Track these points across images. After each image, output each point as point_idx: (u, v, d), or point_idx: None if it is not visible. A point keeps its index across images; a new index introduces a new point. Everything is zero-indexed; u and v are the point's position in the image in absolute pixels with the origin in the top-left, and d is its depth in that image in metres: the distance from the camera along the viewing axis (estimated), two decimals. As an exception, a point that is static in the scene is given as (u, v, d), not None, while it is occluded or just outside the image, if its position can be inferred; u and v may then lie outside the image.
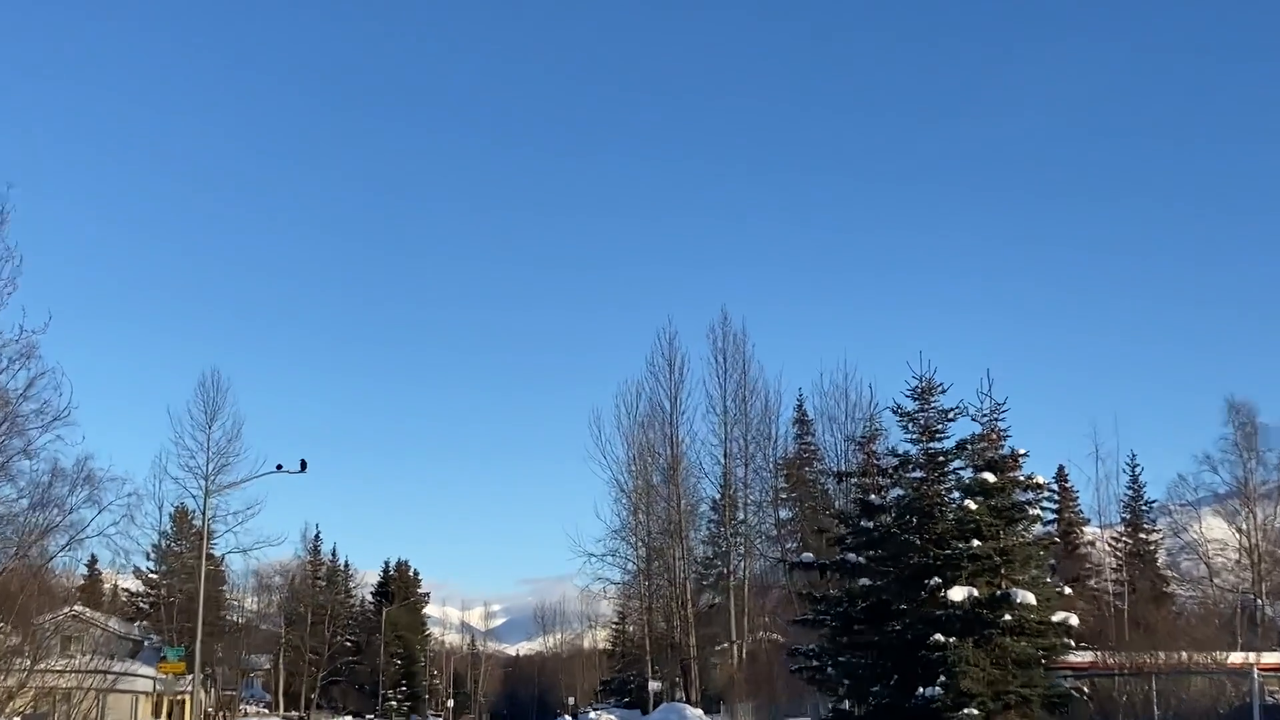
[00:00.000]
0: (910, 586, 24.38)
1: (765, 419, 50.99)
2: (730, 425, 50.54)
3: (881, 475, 26.65)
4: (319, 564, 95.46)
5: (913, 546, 24.56)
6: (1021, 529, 24.77)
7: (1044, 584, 24.86)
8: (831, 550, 29.21)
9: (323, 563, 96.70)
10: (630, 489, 53.26)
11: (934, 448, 25.44)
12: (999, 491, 24.18)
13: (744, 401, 50.71)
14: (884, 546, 25.66)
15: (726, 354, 51.17)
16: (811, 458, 53.86)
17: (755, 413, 50.87)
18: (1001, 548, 23.65)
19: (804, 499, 52.02)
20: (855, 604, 25.77)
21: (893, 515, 25.64)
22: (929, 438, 25.45)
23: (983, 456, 24.96)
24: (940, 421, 25.47)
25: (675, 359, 52.50)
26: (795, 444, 54.65)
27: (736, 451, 50.72)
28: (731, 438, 50.62)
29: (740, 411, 50.68)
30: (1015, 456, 24.93)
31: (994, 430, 25.39)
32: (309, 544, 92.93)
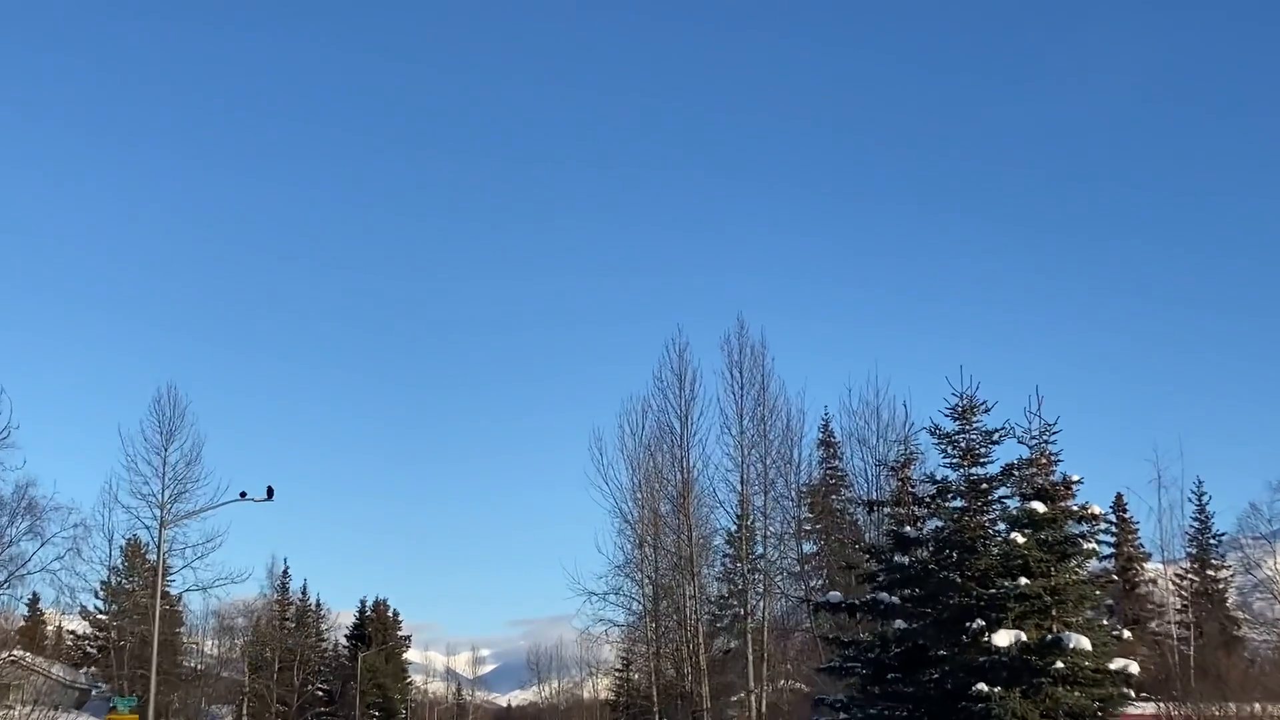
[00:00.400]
0: (950, 630, 24.27)
1: (787, 441, 50.73)
2: (747, 448, 50.28)
3: (917, 504, 26.58)
4: (287, 603, 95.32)
5: (953, 585, 24.46)
6: (1075, 565, 24.68)
7: (1100, 627, 24.77)
8: (861, 589, 29.08)
9: (292, 602, 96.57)
10: (635, 519, 53.05)
11: (977, 474, 25.36)
12: (1050, 523, 24.09)
13: (763, 421, 50.44)
14: (921, 585, 25.55)
15: (743, 368, 50.92)
16: (839, 485, 53.56)
17: (775, 434, 50.61)
18: (1052, 586, 23.55)
19: (830, 531, 51.76)
20: (888, 649, 25.66)
21: (930, 549, 25.53)
22: (971, 462, 25.37)
23: (1031, 484, 24.89)
24: (983, 444, 25.40)
25: (686, 373, 52.25)
26: (820, 469, 54.42)
27: (754, 477, 50.45)
28: (749, 462, 50.34)
29: (759, 432, 50.43)
30: (1068, 484, 24.85)
31: (1044, 454, 25.32)
32: (276, 581, 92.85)
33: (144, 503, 51.91)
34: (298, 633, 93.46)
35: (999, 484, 25.37)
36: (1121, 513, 58.63)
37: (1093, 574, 25.49)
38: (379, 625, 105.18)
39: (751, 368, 50.92)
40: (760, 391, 50.67)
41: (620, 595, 53.10)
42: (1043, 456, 25.31)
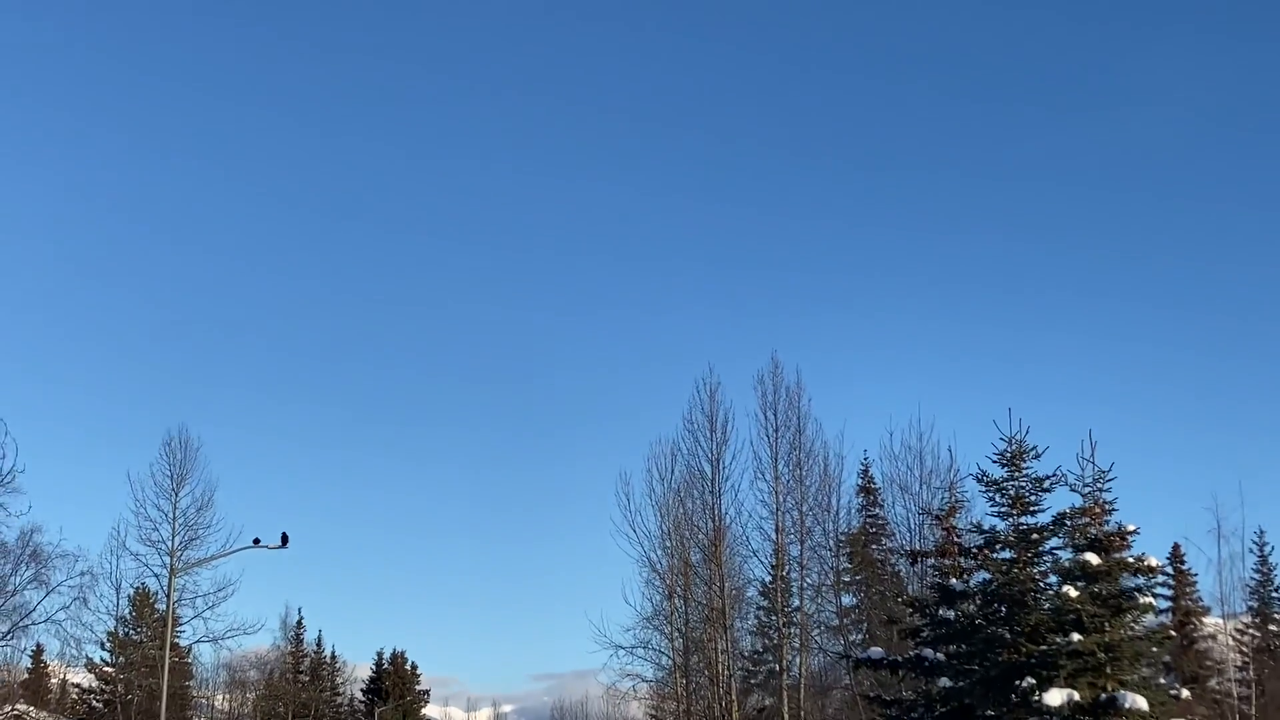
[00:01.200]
0: (999, 688, 24.01)
1: (824, 487, 50.41)
2: (783, 494, 49.97)
3: (964, 555, 26.35)
4: (301, 655, 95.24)
5: (1001, 641, 24.21)
6: (1130, 620, 24.39)
7: (1157, 686, 24.48)
8: (904, 644, 28.81)
9: (306, 654, 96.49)
10: (664, 569, 52.75)
11: (1026, 523, 25.14)
12: (1104, 576, 23.85)
13: (799, 466, 50.14)
14: (967, 640, 25.29)
15: (778, 409, 50.68)
16: (880, 533, 53.23)
17: (812, 479, 50.29)
18: (1107, 643, 23.28)
19: (871, 583, 51.40)
20: (933, 709, 25.38)
21: (977, 603, 25.30)
22: (1020, 511, 25.16)
23: (1084, 534, 24.65)
24: (1034, 492, 25.19)
25: (717, 415, 52.01)
26: (860, 517, 54.10)
27: (790, 525, 50.11)
28: (784, 509, 50.00)
29: (794, 478, 50.11)
30: (1123, 534, 24.58)
31: (1098, 503, 25.08)
32: (290, 632, 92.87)
33: (153, 550, 52.10)
34: (312, 686, 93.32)
35: (1050, 534, 25.12)
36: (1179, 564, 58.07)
37: (1149, 629, 25.14)
38: (397, 679, 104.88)
39: (787, 409, 50.65)
40: (796, 434, 50.39)
41: (648, 649, 52.76)
42: (1096, 505, 25.06)
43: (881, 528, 53.07)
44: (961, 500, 32.78)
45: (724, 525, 50.90)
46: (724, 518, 50.94)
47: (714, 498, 51.19)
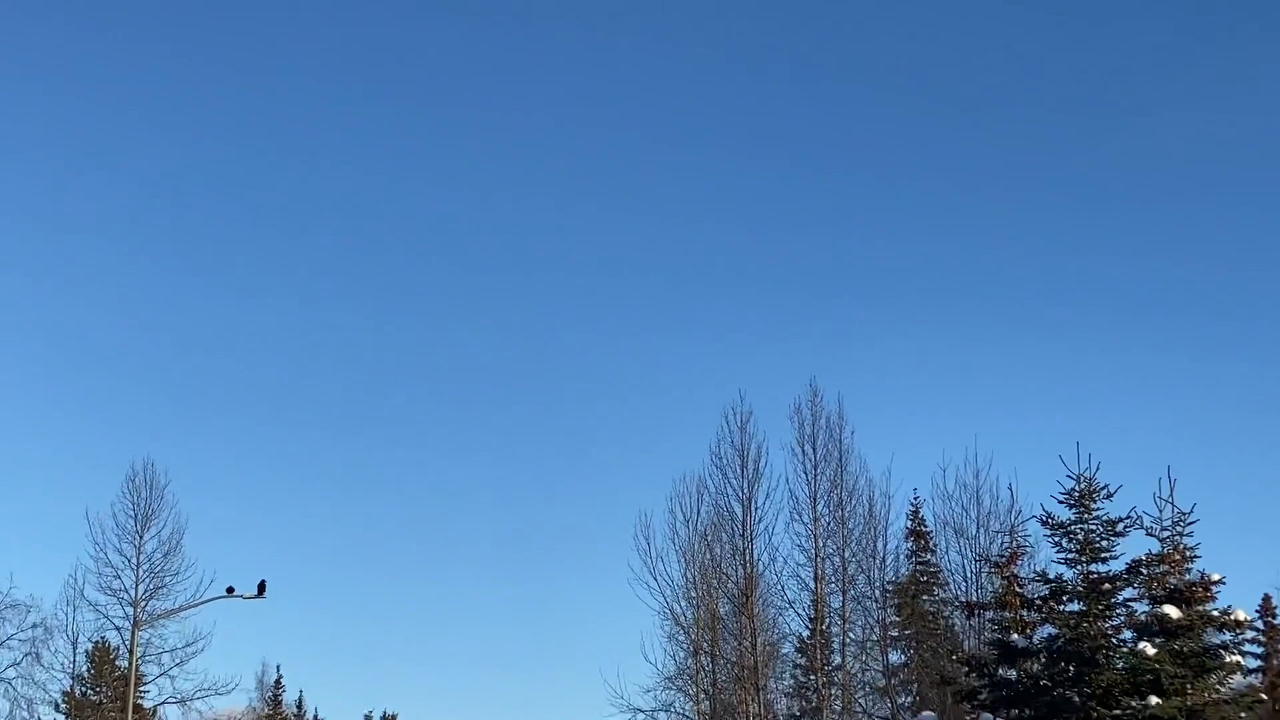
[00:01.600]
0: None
1: (869, 530, 50.36)
2: (822, 538, 49.92)
3: (1027, 607, 26.36)
4: (280, 717, 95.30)
5: (1069, 704, 24.18)
6: (1216, 682, 24.35)
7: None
8: (959, 708, 28.80)
9: (285, 716, 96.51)
10: (689, 622, 52.69)
11: (1097, 571, 25.17)
12: (1185, 631, 23.83)
13: (840, 506, 50.12)
14: (1031, 704, 25.27)
15: (816, 443, 50.64)
16: (932, 582, 53.06)
17: (856, 522, 50.24)
18: (1189, 707, 23.25)
19: (922, 638, 51.25)
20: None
21: (1042, 661, 25.30)
22: (1090, 558, 25.18)
23: (1163, 584, 24.64)
24: (1105, 536, 25.21)
25: (749, 448, 51.93)
26: (910, 564, 53.91)
27: (831, 573, 50.06)
28: (824, 554, 49.96)
29: (835, 520, 50.08)
30: (1206, 584, 24.56)
31: (1177, 548, 25.06)
32: (268, 692, 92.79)
33: (114, 599, 52.04)
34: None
35: (1124, 584, 25.15)
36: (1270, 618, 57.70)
37: (1237, 692, 25.07)
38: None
39: (827, 442, 50.60)
40: (837, 471, 50.34)
41: (671, 712, 52.67)
42: (1176, 551, 25.05)
43: (934, 576, 52.91)
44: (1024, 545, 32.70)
45: (756, 573, 50.83)
46: (756, 564, 50.86)
47: (745, 542, 51.12)
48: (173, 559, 52.19)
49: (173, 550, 52.39)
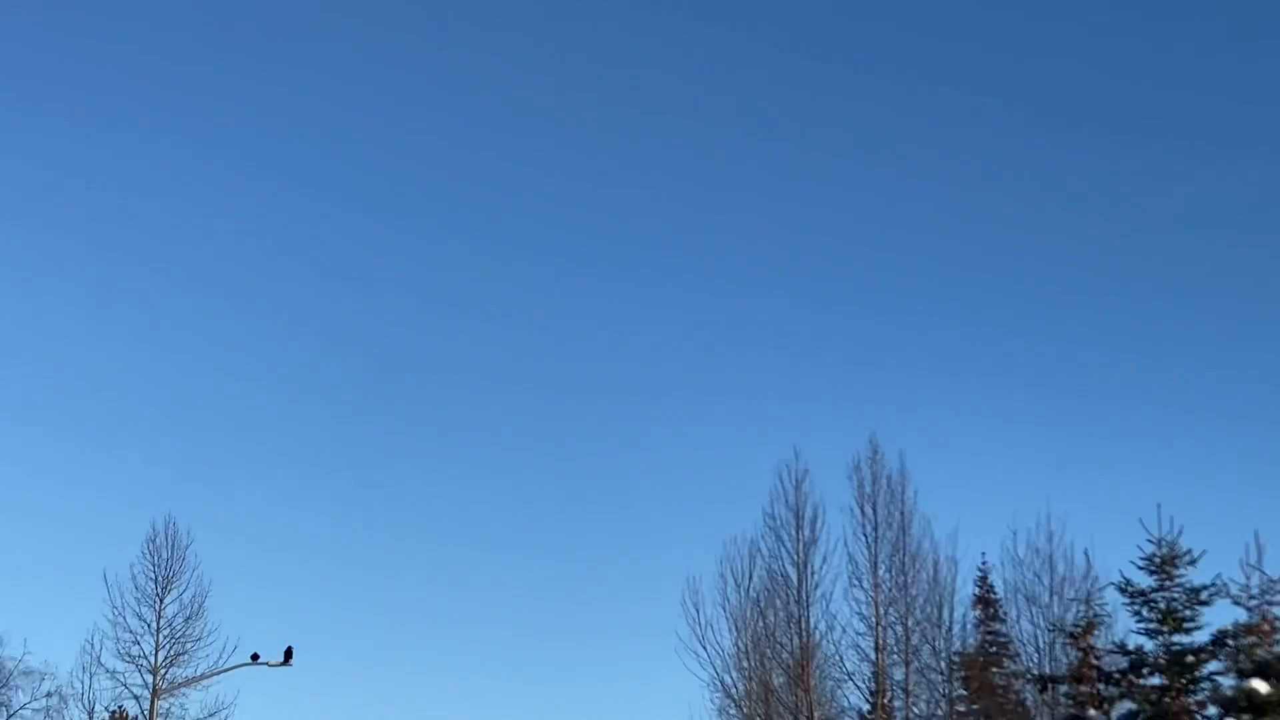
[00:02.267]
0: (1148, 846, 23.63)
1: (934, 597, 50.01)
2: (884, 605, 49.58)
3: (1104, 681, 26.09)
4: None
5: (1151, 787, 23.84)
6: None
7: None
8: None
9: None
10: (741, 694, 52.39)
11: (1180, 643, 24.85)
12: (1275, 707, 23.46)
13: (903, 572, 49.80)
14: (1109, 785, 24.94)
15: (877, 503, 50.41)
16: (1001, 653, 52.60)
17: (919, 588, 49.90)
18: (1280, 790, 22.87)
19: (991, 713, 50.76)
20: None
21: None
22: (1173, 628, 24.85)
23: (1251, 656, 24.27)
24: (1188, 605, 24.91)
25: (804, 509, 51.73)
26: (977, 633, 53.48)
27: (893, 643, 49.69)
28: (886, 623, 49.61)
29: (897, 586, 49.75)
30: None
31: (1266, 619, 24.74)
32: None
33: (133, 666, 52.01)
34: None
35: (1209, 656, 24.80)
36: (1368, 694, 56.95)
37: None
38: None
39: (888, 503, 50.38)
40: (899, 533, 50.08)
41: (723, 794, 52.34)
42: (1265, 622, 24.70)
43: (1004, 647, 52.45)
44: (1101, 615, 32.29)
45: (813, 642, 50.55)
46: (813, 633, 50.60)
47: (801, 609, 50.87)
48: (195, 624, 52.14)
49: (195, 615, 52.37)
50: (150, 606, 52.22)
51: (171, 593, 52.52)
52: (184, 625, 52.13)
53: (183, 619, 52.23)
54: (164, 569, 52.90)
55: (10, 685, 55.66)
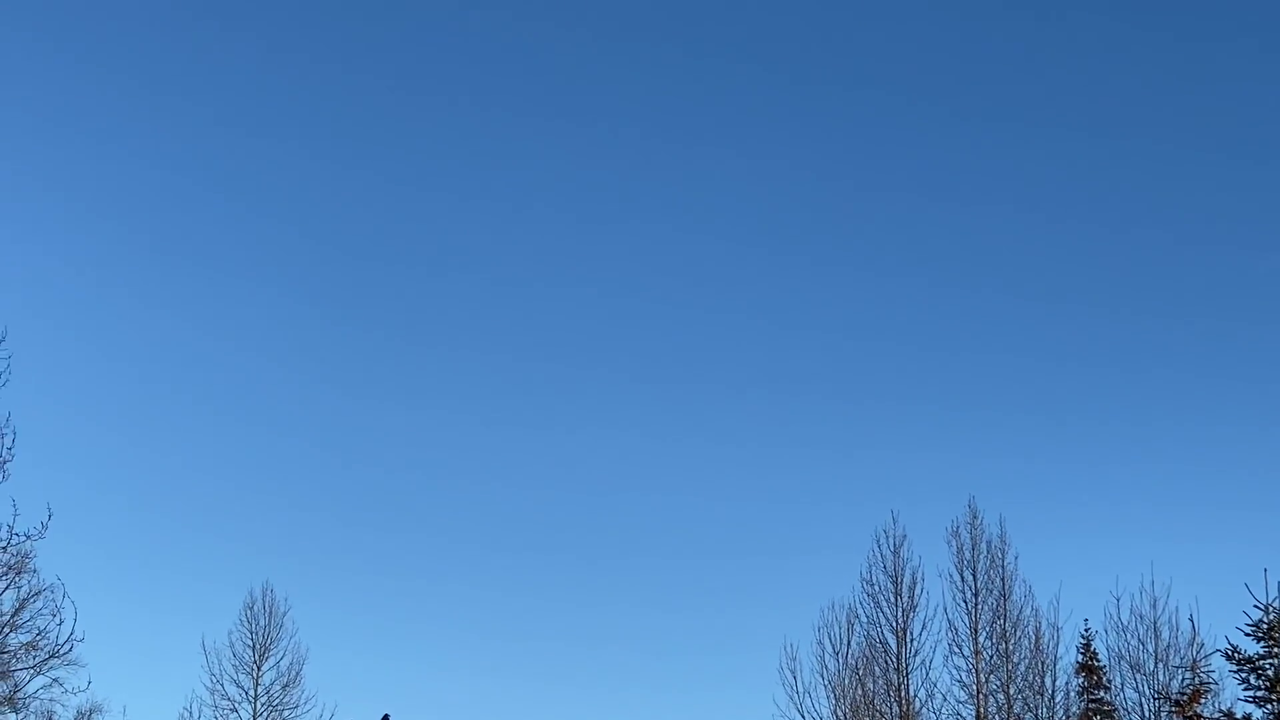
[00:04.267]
0: None
1: (1036, 664, 49.34)
2: (985, 672, 49.02)
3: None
4: None
5: None
6: None
7: None
8: None
9: None
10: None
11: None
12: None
13: (1004, 638, 49.22)
14: None
15: (976, 568, 49.88)
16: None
17: (1021, 655, 49.26)
18: None
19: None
20: None
21: (1230, 811, 24.49)
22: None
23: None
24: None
25: (903, 575, 51.22)
26: (1081, 701, 52.68)
27: (994, 711, 49.07)
28: (987, 690, 49.03)
29: (999, 653, 49.17)
30: None
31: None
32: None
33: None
34: None
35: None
36: None
37: None
38: None
39: (988, 568, 49.85)
40: (1000, 599, 49.55)
41: None
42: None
43: (1108, 715, 51.63)
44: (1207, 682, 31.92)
45: (913, 710, 50.09)
46: (913, 701, 50.12)
47: (900, 676, 50.44)
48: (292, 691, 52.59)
49: (292, 682, 52.80)
50: (248, 674, 52.68)
51: (269, 660, 52.99)
52: (281, 693, 52.57)
53: (280, 686, 52.69)
54: (261, 636, 53.36)
55: (109, 754, 56.20)
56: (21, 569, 25.03)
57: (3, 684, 26.19)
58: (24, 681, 28.03)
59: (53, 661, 26.02)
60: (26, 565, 25.42)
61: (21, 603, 30.79)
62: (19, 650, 25.91)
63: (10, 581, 25.00)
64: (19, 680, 27.24)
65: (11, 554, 24.49)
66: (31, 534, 23.88)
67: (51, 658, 25.62)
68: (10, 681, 26.59)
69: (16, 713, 27.42)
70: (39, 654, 25.62)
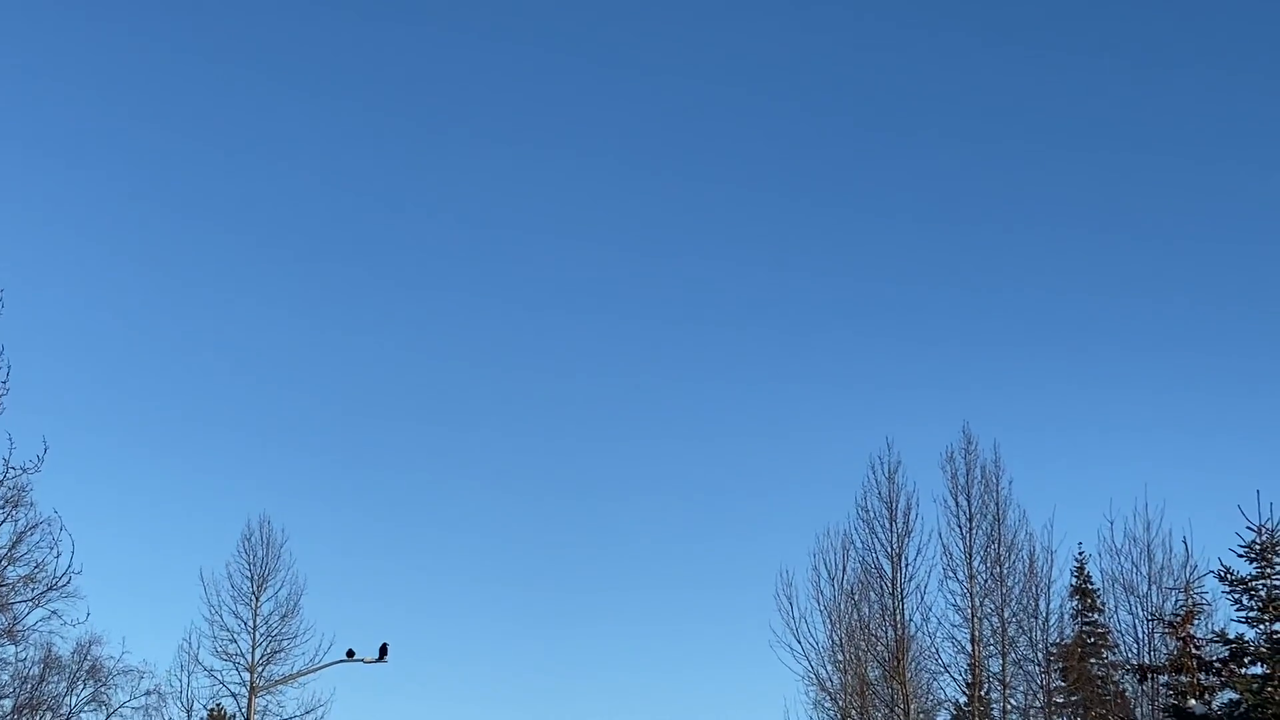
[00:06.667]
0: (1252, 837, 23.36)
1: (1030, 588, 49.56)
2: (979, 596, 49.24)
3: (1205, 670, 25.89)
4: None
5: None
6: None
7: None
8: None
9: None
10: (836, 687, 52.22)
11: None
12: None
13: (998, 563, 49.42)
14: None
15: (970, 494, 50.04)
16: (1100, 644, 52.15)
17: (1015, 579, 49.49)
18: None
19: (1090, 704, 50.34)
20: None
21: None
22: (1274, 616, 24.61)
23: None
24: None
25: (898, 501, 51.42)
26: (1075, 624, 53.05)
27: (989, 634, 49.35)
28: (981, 614, 49.27)
29: (993, 577, 49.37)
30: (1405, 644, 23.87)
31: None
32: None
33: (230, 664, 52.58)
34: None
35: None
36: None
37: None
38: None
39: (982, 493, 50.02)
40: (994, 524, 49.73)
41: (819, 785, 52.27)
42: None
43: (1102, 637, 51.99)
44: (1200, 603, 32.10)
45: (908, 635, 50.32)
46: (908, 625, 50.35)
47: (895, 601, 50.64)
48: (290, 621, 52.79)
49: (290, 613, 53.00)
50: (246, 605, 52.87)
51: (267, 591, 53.18)
52: (280, 623, 52.79)
53: (278, 617, 52.90)
54: (259, 567, 53.53)
55: (110, 683, 56.55)
56: (18, 502, 25.11)
57: (2, 617, 26.29)
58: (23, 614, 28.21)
59: (51, 594, 26.22)
60: (23, 498, 25.47)
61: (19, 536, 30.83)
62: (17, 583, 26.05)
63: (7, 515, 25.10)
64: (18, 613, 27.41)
65: (8, 487, 24.62)
66: (28, 467, 24.03)
67: (50, 590, 25.80)
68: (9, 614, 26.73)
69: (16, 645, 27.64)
70: (37, 586, 25.78)
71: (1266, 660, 24.64)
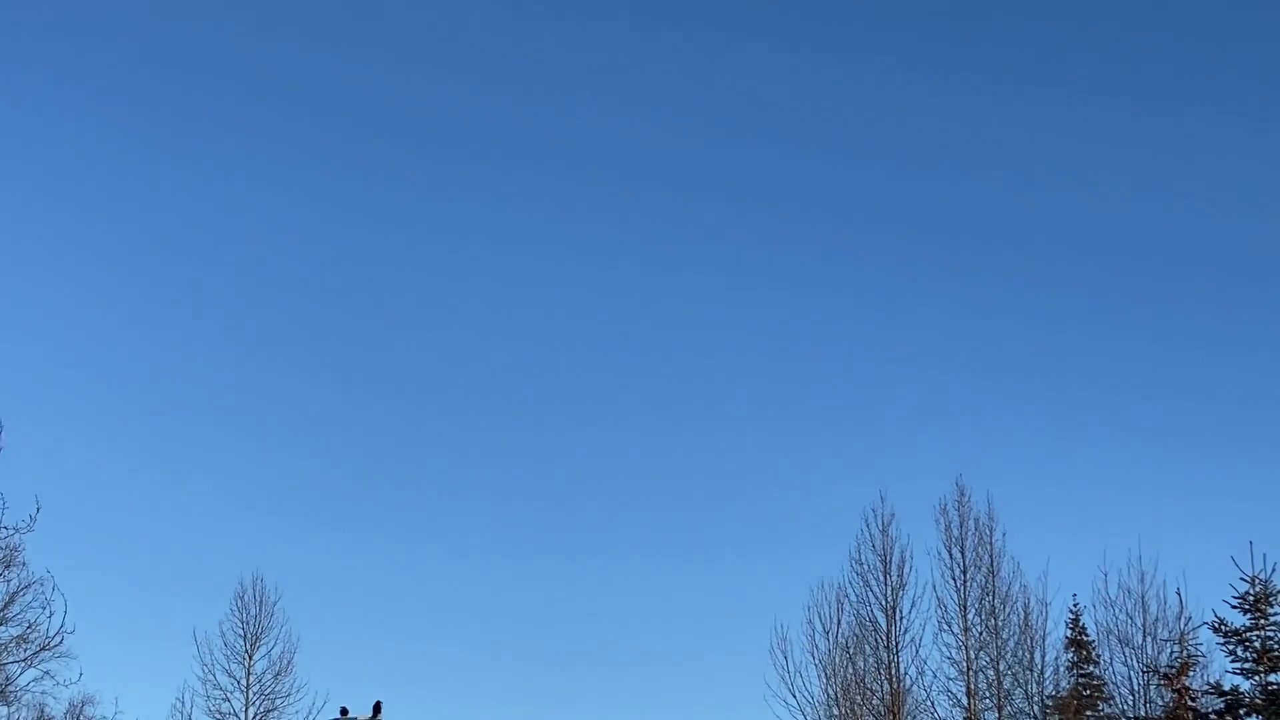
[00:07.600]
0: None
1: (1025, 640, 49.47)
2: (974, 649, 49.14)
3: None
4: None
5: (1251, 829, 23.46)
6: None
7: None
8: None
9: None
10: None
11: (1277, 682, 24.52)
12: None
13: (993, 615, 49.35)
14: (1208, 829, 24.58)
15: (965, 546, 50.01)
16: (1095, 696, 52.00)
17: (1010, 631, 49.40)
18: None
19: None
20: None
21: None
22: (1269, 667, 24.61)
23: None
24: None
25: (892, 554, 51.35)
26: (1070, 676, 52.91)
27: (984, 687, 49.19)
28: (977, 667, 49.15)
29: (988, 629, 49.29)
30: (1400, 694, 23.82)
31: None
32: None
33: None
34: None
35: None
36: None
37: None
38: None
39: (976, 546, 49.99)
40: (989, 576, 49.68)
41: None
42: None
43: (1097, 689, 51.85)
44: (1195, 655, 31.99)
45: (903, 688, 50.16)
46: (903, 679, 50.17)
47: (890, 654, 50.52)
48: (284, 680, 52.56)
49: (283, 671, 52.78)
50: (240, 663, 52.69)
51: (260, 649, 52.97)
52: (273, 681, 52.58)
53: (272, 675, 52.68)
54: (252, 625, 53.37)
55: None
56: (11, 562, 25.07)
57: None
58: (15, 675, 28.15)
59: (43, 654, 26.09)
60: (16, 558, 25.46)
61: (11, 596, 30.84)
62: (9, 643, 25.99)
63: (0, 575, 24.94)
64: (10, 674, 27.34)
65: (1, 548, 24.44)
66: (20, 527, 23.89)
67: (42, 650, 25.64)
68: (1, 675, 26.60)
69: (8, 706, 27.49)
70: (30, 647, 25.66)
71: (1262, 711, 24.62)
